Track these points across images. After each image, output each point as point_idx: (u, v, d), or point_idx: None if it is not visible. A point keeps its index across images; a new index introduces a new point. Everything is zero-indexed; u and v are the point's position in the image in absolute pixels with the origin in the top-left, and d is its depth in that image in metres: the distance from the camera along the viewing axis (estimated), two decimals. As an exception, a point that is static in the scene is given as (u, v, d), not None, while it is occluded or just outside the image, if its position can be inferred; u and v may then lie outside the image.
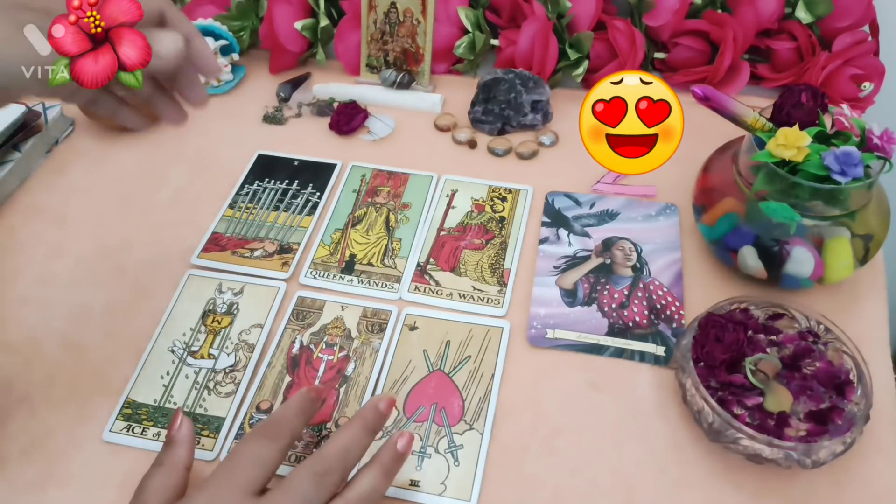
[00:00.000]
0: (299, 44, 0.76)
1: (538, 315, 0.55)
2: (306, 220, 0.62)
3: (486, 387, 0.50)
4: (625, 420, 0.49)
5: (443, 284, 0.57)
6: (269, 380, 0.51)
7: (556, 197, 0.63)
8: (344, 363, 0.52)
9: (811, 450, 0.43)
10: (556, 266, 0.58)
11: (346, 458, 0.41)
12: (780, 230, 0.51)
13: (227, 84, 0.75)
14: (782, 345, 0.48)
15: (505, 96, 0.69)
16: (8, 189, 0.65)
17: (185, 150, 0.70)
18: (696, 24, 0.70)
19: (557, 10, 0.71)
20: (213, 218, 0.63)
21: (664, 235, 0.60)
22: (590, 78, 0.73)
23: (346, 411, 0.49)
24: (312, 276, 0.58)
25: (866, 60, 0.68)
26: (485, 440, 0.48)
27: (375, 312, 0.55)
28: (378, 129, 0.71)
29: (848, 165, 0.47)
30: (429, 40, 0.72)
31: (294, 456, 0.47)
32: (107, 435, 0.48)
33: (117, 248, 0.61)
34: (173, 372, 0.52)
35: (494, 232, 0.61)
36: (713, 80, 0.70)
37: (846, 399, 0.46)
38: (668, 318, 0.54)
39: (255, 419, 0.49)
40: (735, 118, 0.52)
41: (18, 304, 0.57)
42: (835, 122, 0.53)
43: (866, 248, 0.52)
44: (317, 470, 0.40)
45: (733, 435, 0.44)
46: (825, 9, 0.69)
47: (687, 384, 0.46)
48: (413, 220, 0.62)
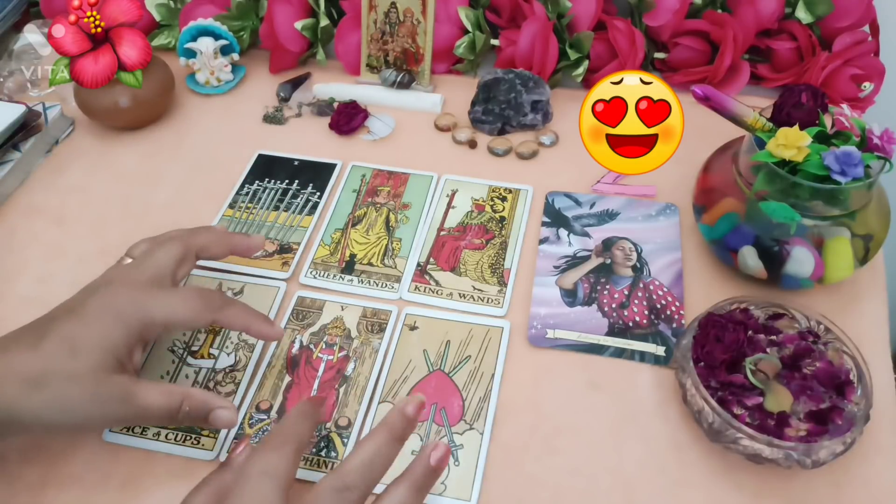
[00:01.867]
0: (299, 44, 0.76)
1: (538, 315, 0.55)
2: (306, 219, 0.62)
3: (486, 387, 0.50)
4: (625, 420, 0.49)
5: (443, 284, 0.57)
6: (269, 380, 0.51)
7: (556, 197, 0.63)
8: (344, 363, 0.52)
9: (811, 450, 0.43)
10: (557, 266, 0.58)
11: (369, 472, 0.38)
12: (780, 230, 0.51)
13: (227, 84, 0.75)
14: (782, 345, 0.48)
15: (505, 96, 0.69)
16: (8, 189, 0.65)
17: (185, 150, 0.70)
18: (697, 24, 0.70)
19: (557, 10, 0.71)
20: (213, 218, 0.63)
21: (664, 235, 0.60)
22: (590, 78, 0.73)
23: (346, 412, 0.49)
24: (312, 275, 0.58)
25: (866, 60, 0.68)
26: (485, 440, 0.48)
27: (375, 312, 0.55)
28: (378, 129, 0.71)
29: (848, 165, 0.47)
30: (429, 40, 0.72)
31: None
32: (107, 435, 0.48)
33: (117, 248, 0.61)
34: (173, 371, 0.52)
35: (494, 232, 0.61)
36: (713, 80, 0.70)
37: (846, 399, 0.46)
38: (668, 318, 0.54)
39: (254, 419, 0.49)
40: (735, 118, 0.52)
41: (18, 304, 0.57)
42: (835, 122, 0.53)
43: (866, 248, 0.52)
44: (336, 486, 0.37)
45: (733, 435, 0.44)
46: (825, 9, 0.69)
47: (687, 384, 0.46)
48: (413, 220, 0.62)
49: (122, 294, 0.45)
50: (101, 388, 0.42)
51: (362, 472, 0.38)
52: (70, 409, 0.42)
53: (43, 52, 0.76)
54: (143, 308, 0.44)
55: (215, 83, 0.75)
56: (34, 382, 0.41)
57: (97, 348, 0.42)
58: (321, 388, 0.51)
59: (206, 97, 0.75)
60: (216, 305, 0.46)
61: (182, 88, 0.75)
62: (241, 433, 0.48)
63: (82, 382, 0.42)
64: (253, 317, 0.48)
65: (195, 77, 0.75)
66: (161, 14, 0.78)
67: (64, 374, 0.41)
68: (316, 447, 0.47)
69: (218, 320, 0.47)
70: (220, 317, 0.46)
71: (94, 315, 0.43)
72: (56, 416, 0.42)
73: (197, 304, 0.46)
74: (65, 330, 0.43)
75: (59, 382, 0.41)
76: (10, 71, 0.76)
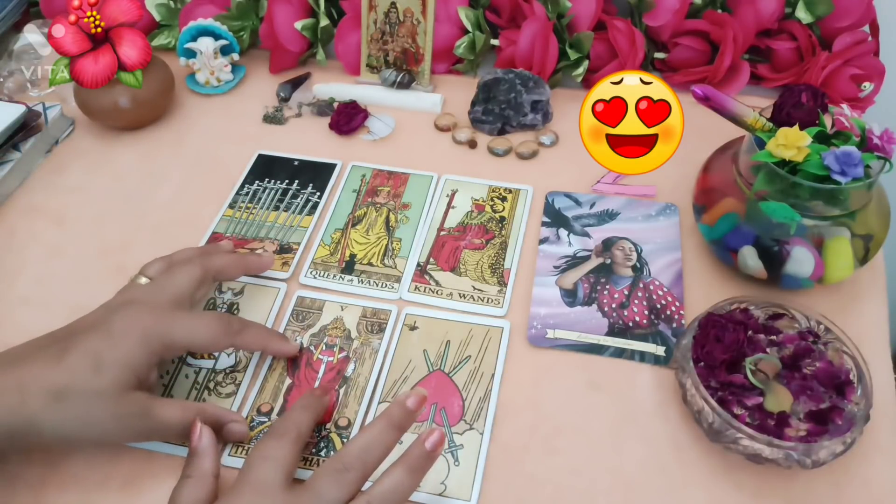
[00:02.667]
0: (299, 44, 0.76)
1: (538, 315, 0.55)
2: (306, 219, 0.62)
3: (486, 387, 0.50)
4: (625, 420, 0.49)
5: (443, 284, 0.57)
6: (270, 382, 0.51)
7: (556, 197, 0.63)
8: (344, 364, 0.52)
9: (811, 450, 0.43)
10: (557, 266, 0.58)
11: (366, 455, 0.40)
12: (780, 230, 0.51)
13: (227, 84, 0.75)
14: (782, 345, 0.48)
15: (505, 96, 0.69)
16: (8, 189, 0.65)
17: (185, 150, 0.70)
18: (697, 24, 0.70)
19: (557, 10, 0.71)
20: (214, 218, 0.63)
21: (664, 235, 0.60)
22: (590, 78, 0.73)
23: (346, 412, 0.49)
24: (312, 275, 0.58)
25: (866, 60, 0.68)
26: (485, 440, 0.48)
27: (375, 312, 0.55)
28: (378, 129, 0.71)
29: (848, 165, 0.47)
30: (429, 40, 0.72)
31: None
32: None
33: (117, 248, 0.61)
34: (173, 371, 0.52)
35: (494, 232, 0.61)
36: (713, 80, 0.70)
37: (846, 399, 0.46)
38: (668, 318, 0.54)
39: (255, 422, 0.49)
40: (735, 118, 0.52)
41: (18, 304, 0.57)
42: (835, 122, 0.53)
43: (866, 248, 0.52)
44: (336, 467, 0.39)
45: (733, 435, 0.44)
46: (825, 9, 0.69)
47: (687, 384, 0.46)
48: (413, 220, 0.62)
49: (147, 314, 0.46)
50: (122, 404, 0.43)
51: (361, 456, 0.40)
52: (91, 423, 0.43)
53: (43, 52, 0.76)
54: (166, 330, 0.45)
55: (215, 83, 0.75)
56: (57, 396, 0.42)
57: (120, 365, 0.43)
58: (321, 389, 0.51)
59: (206, 97, 0.75)
60: (235, 330, 0.48)
61: (182, 88, 0.75)
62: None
63: (104, 398, 0.42)
64: (269, 337, 0.50)
65: (195, 77, 0.75)
66: (161, 14, 0.78)
67: (87, 389, 0.42)
68: (316, 447, 0.47)
69: (236, 344, 0.48)
70: (238, 341, 0.48)
71: (119, 333, 0.44)
72: (76, 430, 0.43)
73: (217, 329, 0.47)
74: (89, 346, 0.43)
75: (82, 397, 0.42)
76: (10, 71, 0.76)
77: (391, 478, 0.40)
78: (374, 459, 0.41)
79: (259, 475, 0.40)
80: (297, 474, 0.45)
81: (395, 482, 0.40)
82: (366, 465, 0.40)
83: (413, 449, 0.41)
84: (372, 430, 0.41)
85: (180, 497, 0.41)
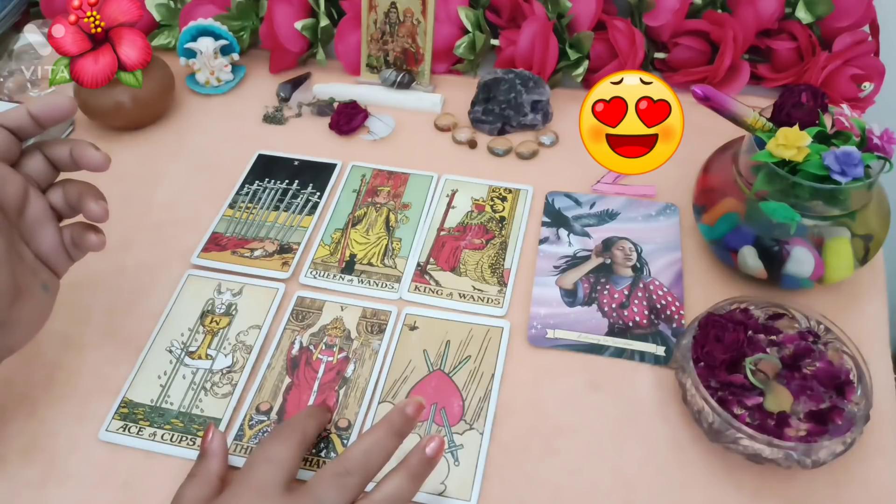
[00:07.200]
0: (299, 44, 0.76)
1: (538, 315, 0.55)
2: (306, 219, 0.62)
3: (486, 387, 0.50)
4: (625, 420, 0.49)
5: (443, 284, 0.57)
6: (269, 381, 0.51)
7: (557, 197, 0.63)
8: (343, 364, 0.52)
9: (811, 450, 0.43)
10: (557, 266, 0.58)
11: (367, 460, 0.40)
12: (780, 230, 0.51)
13: (227, 84, 0.75)
14: (782, 345, 0.48)
15: (505, 96, 0.69)
16: (8, 189, 0.65)
17: (185, 150, 0.70)
18: (696, 24, 0.70)
19: (557, 10, 0.71)
20: (213, 218, 0.63)
21: (664, 235, 0.60)
22: (590, 78, 0.73)
23: (346, 413, 0.49)
24: (312, 275, 0.58)
25: (866, 60, 0.68)
26: (485, 440, 0.48)
27: (375, 312, 0.55)
28: (378, 129, 0.71)
29: (848, 165, 0.47)
30: (429, 40, 0.72)
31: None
32: (103, 434, 0.48)
33: (117, 248, 0.61)
34: (171, 372, 0.52)
35: (494, 232, 0.61)
36: (713, 80, 0.70)
37: (846, 399, 0.46)
38: (668, 318, 0.54)
39: (254, 420, 0.49)
40: (735, 118, 0.52)
41: (18, 304, 0.57)
42: (835, 122, 0.53)
43: (866, 248, 0.52)
44: (337, 471, 0.39)
45: (733, 435, 0.44)
46: (825, 9, 0.69)
47: (687, 384, 0.46)
48: (413, 220, 0.62)
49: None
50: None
51: (362, 460, 0.40)
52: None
53: (43, 52, 0.76)
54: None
55: (215, 83, 0.75)
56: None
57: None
58: (321, 389, 0.51)
59: (206, 97, 0.75)
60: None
61: (182, 88, 0.75)
62: (242, 434, 0.48)
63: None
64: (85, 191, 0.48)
65: (195, 77, 0.75)
66: (161, 14, 0.78)
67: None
68: (316, 447, 0.47)
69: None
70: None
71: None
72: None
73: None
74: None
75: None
76: (10, 71, 0.76)
77: (391, 483, 0.40)
78: (375, 464, 0.41)
79: (260, 476, 0.40)
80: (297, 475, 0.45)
81: (395, 487, 0.40)
82: (367, 470, 0.40)
83: (413, 455, 0.41)
84: (373, 436, 0.41)
85: (185, 494, 0.42)
